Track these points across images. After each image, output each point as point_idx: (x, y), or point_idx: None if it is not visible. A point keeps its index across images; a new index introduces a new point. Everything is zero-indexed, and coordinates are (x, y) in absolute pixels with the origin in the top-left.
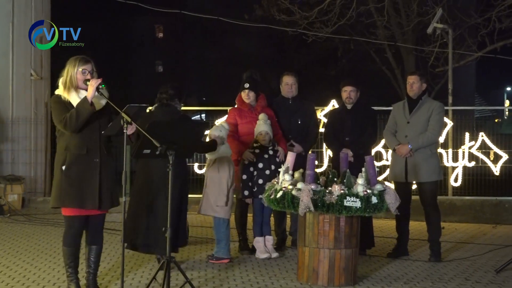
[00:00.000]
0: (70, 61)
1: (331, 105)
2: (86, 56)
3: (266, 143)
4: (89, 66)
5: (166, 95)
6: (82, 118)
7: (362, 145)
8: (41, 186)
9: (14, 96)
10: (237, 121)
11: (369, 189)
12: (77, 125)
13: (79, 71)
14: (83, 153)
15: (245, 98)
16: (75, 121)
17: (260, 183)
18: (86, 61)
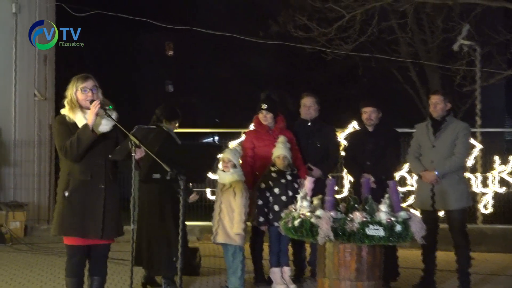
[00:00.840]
0: (70, 82)
1: (351, 127)
2: (86, 73)
3: (284, 168)
4: (89, 83)
5: (154, 116)
6: (83, 146)
7: (384, 170)
8: (45, 213)
9: (16, 117)
10: (254, 144)
11: (392, 217)
12: (78, 154)
13: (78, 91)
14: (87, 178)
15: (263, 119)
16: (76, 150)
17: (276, 209)
18: (85, 78)
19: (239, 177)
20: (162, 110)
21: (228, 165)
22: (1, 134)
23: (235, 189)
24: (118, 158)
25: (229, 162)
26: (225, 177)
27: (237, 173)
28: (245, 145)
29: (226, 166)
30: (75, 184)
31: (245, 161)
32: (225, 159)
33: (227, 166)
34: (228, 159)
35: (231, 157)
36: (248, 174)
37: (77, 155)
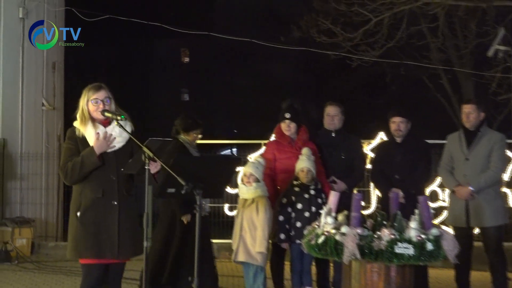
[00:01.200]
0: (83, 92)
1: (379, 138)
2: (98, 83)
3: (308, 182)
4: (101, 94)
5: (173, 127)
6: (85, 171)
7: (414, 184)
8: (53, 229)
9: (23, 128)
10: (275, 156)
11: (423, 234)
12: (78, 179)
13: (90, 102)
14: (98, 196)
15: (286, 130)
16: (77, 174)
17: (298, 226)
18: (98, 89)
19: (263, 192)
20: (179, 121)
21: (250, 179)
22: (7, 145)
23: (258, 204)
24: (132, 172)
25: (251, 176)
26: (247, 192)
27: (261, 187)
28: (265, 157)
29: (248, 181)
30: (87, 203)
31: (265, 174)
32: (246, 174)
33: (249, 181)
34: (250, 173)
35: (253, 171)
36: (269, 187)
37: (77, 179)
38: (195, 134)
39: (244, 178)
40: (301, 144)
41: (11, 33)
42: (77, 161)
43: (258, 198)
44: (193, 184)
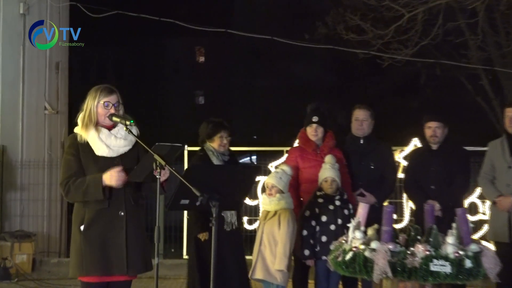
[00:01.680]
0: (91, 92)
1: (412, 145)
2: (110, 86)
3: (333, 192)
4: (113, 98)
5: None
6: (88, 199)
7: (451, 195)
8: (55, 244)
9: (24, 134)
10: (298, 164)
11: (461, 250)
12: (77, 201)
13: (100, 104)
14: (104, 206)
15: (312, 135)
16: (80, 199)
17: (323, 240)
18: (110, 92)
19: (287, 204)
20: (201, 129)
21: (272, 191)
22: (6, 153)
23: (280, 218)
24: (138, 180)
25: (274, 188)
26: (270, 203)
27: (285, 199)
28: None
29: (270, 193)
30: (91, 215)
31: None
32: (268, 185)
33: (271, 193)
34: (272, 185)
35: (275, 182)
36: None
37: (76, 201)
38: (220, 139)
39: (266, 190)
40: (327, 151)
41: (11, 30)
42: (80, 184)
43: (281, 210)
44: (208, 195)
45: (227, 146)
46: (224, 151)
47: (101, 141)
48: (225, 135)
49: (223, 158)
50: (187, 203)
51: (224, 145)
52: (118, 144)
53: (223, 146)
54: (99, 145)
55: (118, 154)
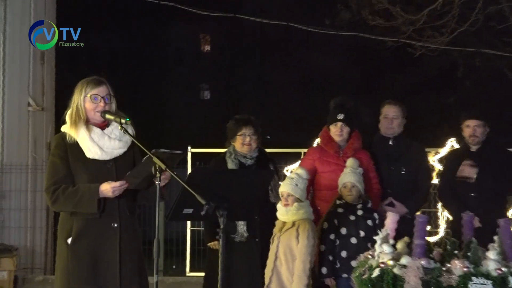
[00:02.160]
0: (78, 85)
1: (449, 147)
2: (97, 77)
3: (354, 200)
4: (102, 90)
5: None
6: (79, 210)
7: (493, 204)
8: (40, 259)
9: (5, 133)
10: (315, 168)
11: (505, 267)
12: (64, 211)
13: (87, 98)
14: (95, 216)
15: (337, 135)
16: (69, 209)
17: (344, 256)
18: (97, 83)
19: (306, 213)
20: (227, 127)
21: (288, 201)
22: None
23: (299, 229)
24: (132, 186)
25: (290, 197)
26: (287, 213)
27: (304, 208)
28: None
29: (286, 203)
30: (80, 226)
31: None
32: (283, 194)
33: (288, 203)
34: (288, 193)
35: (291, 190)
36: None
37: (64, 210)
38: (241, 137)
39: (282, 201)
40: (351, 154)
41: None
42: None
43: (300, 221)
44: (215, 203)
45: (252, 146)
46: (248, 153)
47: (92, 141)
48: (248, 133)
49: (244, 161)
50: (191, 213)
51: (247, 145)
52: (112, 145)
53: (247, 145)
54: (90, 146)
55: (111, 157)
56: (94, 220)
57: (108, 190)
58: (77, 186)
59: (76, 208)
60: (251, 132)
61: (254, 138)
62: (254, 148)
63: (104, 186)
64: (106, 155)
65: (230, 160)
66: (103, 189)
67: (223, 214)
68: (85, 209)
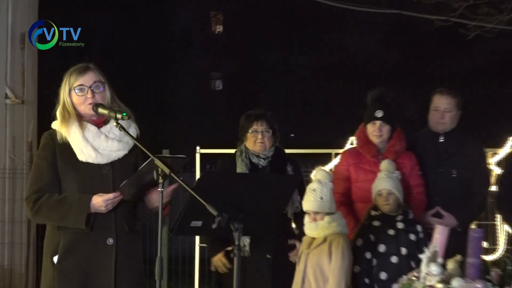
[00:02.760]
0: (64, 76)
1: (509, 146)
2: (84, 64)
3: (391, 210)
4: (88, 78)
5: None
6: (62, 225)
7: None
8: (20, 281)
9: None
10: (350, 175)
11: None
12: (48, 224)
13: (73, 91)
14: (86, 230)
15: (375, 135)
16: (53, 222)
17: (383, 278)
18: (82, 71)
19: (340, 227)
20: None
21: (317, 217)
22: None
23: (331, 246)
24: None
25: (318, 215)
26: (316, 228)
27: (336, 220)
28: (336, 175)
29: (314, 219)
30: (68, 241)
31: (337, 201)
32: (309, 211)
33: (315, 218)
34: (315, 212)
35: (317, 208)
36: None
37: (43, 222)
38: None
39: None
40: (393, 157)
41: None
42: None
43: (333, 236)
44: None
45: (266, 144)
46: (261, 152)
47: (86, 141)
48: (261, 129)
49: (257, 162)
50: (200, 226)
51: (261, 143)
52: (109, 146)
53: (260, 143)
54: (84, 147)
55: (108, 160)
56: (85, 235)
57: (100, 205)
58: (64, 195)
59: (61, 221)
60: (264, 128)
61: (268, 135)
62: (268, 146)
63: (95, 199)
64: (101, 158)
65: (240, 160)
66: (94, 203)
67: (239, 227)
68: (71, 224)
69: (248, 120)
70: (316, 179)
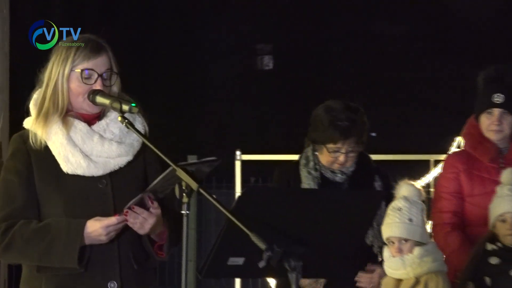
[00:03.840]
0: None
1: None
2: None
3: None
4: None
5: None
6: (46, 264)
7: None
8: None
9: None
10: (461, 186)
11: None
12: (24, 263)
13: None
14: (77, 270)
15: (493, 129)
16: (32, 260)
17: None
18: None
19: (437, 262)
20: (311, 118)
21: (404, 248)
22: None
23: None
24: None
25: (406, 243)
26: (402, 266)
27: (431, 254)
28: (441, 188)
29: (398, 251)
30: (54, 286)
31: (440, 222)
32: (391, 239)
33: (400, 250)
34: (400, 238)
35: (405, 233)
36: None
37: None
38: (332, 154)
39: (390, 248)
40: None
41: None
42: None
43: (428, 276)
44: (283, 248)
45: (348, 164)
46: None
47: (73, 145)
48: (345, 149)
49: (332, 177)
50: (241, 265)
51: (338, 163)
52: (106, 151)
53: (337, 163)
54: (70, 153)
55: (106, 170)
56: (78, 278)
57: (99, 233)
58: (47, 222)
59: (43, 260)
60: (351, 148)
61: (353, 155)
62: (350, 165)
63: (91, 225)
64: (96, 167)
65: (306, 172)
66: (90, 231)
67: (297, 266)
68: (57, 262)
69: (329, 131)
70: (403, 196)
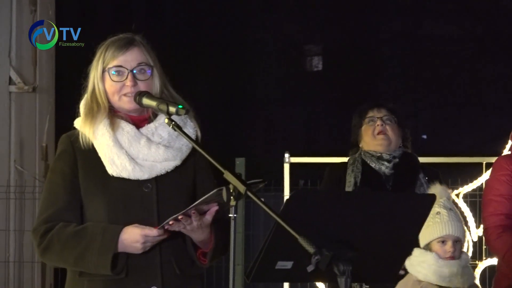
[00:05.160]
0: (97, 52)
1: None
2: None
3: None
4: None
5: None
6: (81, 269)
7: None
8: None
9: None
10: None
11: None
12: (63, 266)
13: (106, 73)
14: (120, 277)
15: None
16: (69, 264)
17: None
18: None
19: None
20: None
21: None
22: None
23: None
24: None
25: (457, 243)
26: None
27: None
28: (491, 191)
29: (452, 255)
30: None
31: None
32: (447, 240)
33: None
34: (455, 238)
35: (460, 233)
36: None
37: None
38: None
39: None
40: None
41: None
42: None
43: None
44: (332, 252)
45: (390, 136)
46: (384, 151)
47: (119, 147)
48: (379, 115)
49: (378, 167)
50: (289, 268)
51: (382, 133)
52: (153, 155)
53: (382, 136)
54: (116, 155)
55: (152, 174)
56: (118, 284)
57: (136, 240)
58: (84, 225)
59: (79, 265)
60: (385, 115)
61: (391, 124)
62: (394, 144)
63: (128, 231)
64: (141, 171)
65: (350, 170)
66: (125, 237)
67: (346, 270)
68: (92, 268)
69: (361, 110)
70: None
